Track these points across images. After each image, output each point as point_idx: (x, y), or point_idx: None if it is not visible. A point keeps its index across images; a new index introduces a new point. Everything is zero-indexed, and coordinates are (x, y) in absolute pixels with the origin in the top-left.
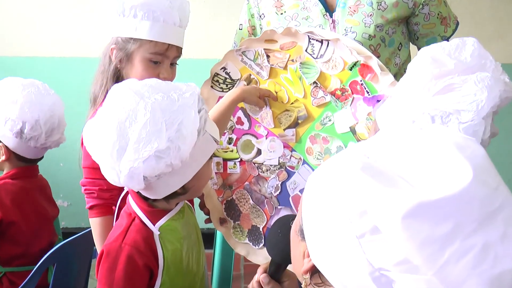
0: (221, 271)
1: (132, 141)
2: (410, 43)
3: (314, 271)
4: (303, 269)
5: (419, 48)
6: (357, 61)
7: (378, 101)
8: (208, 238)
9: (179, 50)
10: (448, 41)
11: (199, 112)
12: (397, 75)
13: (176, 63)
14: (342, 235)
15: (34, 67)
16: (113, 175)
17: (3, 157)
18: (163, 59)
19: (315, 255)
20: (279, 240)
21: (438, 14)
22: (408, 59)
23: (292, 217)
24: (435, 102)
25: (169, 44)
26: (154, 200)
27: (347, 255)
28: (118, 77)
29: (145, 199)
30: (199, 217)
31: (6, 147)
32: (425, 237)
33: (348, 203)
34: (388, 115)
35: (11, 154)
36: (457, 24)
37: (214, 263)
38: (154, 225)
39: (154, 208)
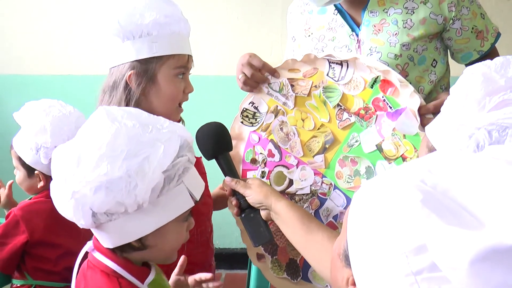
0: None
1: (83, 162)
2: (450, 57)
3: None
4: None
5: (459, 63)
6: (377, 77)
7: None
8: (243, 258)
9: (192, 59)
10: (484, 55)
11: (178, 157)
12: (433, 92)
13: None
14: (397, 270)
15: (65, 86)
16: (61, 203)
17: (41, 183)
18: (185, 71)
19: (364, 287)
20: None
21: (472, 28)
22: (447, 74)
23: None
24: (491, 117)
25: (188, 55)
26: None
27: None
28: (137, 106)
29: (122, 256)
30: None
31: (43, 174)
32: (497, 285)
33: (405, 236)
34: (441, 132)
35: (48, 179)
36: (498, 35)
37: (250, 284)
38: (143, 284)
39: (138, 266)
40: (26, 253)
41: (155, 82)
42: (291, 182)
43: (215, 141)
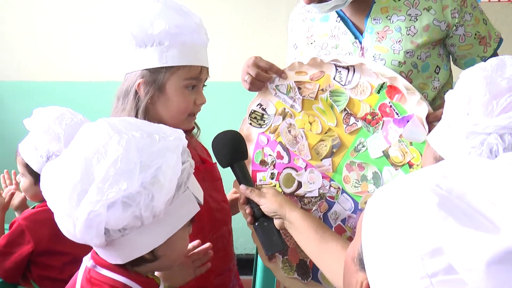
0: None
1: (97, 180)
2: (452, 63)
3: None
4: None
5: (461, 69)
6: (384, 83)
7: (408, 121)
8: (247, 264)
9: (208, 71)
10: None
11: (182, 163)
12: (436, 99)
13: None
14: (412, 273)
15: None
16: (69, 224)
17: None
18: (197, 83)
19: None
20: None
21: (475, 34)
22: (450, 80)
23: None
24: (501, 121)
25: (201, 66)
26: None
27: None
28: (145, 115)
29: (132, 269)
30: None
31: None
32: None
33: (421, 239)
34: (447, 141)
35: None
36: (500, 41)
37: None
38: None
39: (146, 278)
40: (31, 262)
41: (164, 92)
42: (300, 185)
43: (231, 150)
